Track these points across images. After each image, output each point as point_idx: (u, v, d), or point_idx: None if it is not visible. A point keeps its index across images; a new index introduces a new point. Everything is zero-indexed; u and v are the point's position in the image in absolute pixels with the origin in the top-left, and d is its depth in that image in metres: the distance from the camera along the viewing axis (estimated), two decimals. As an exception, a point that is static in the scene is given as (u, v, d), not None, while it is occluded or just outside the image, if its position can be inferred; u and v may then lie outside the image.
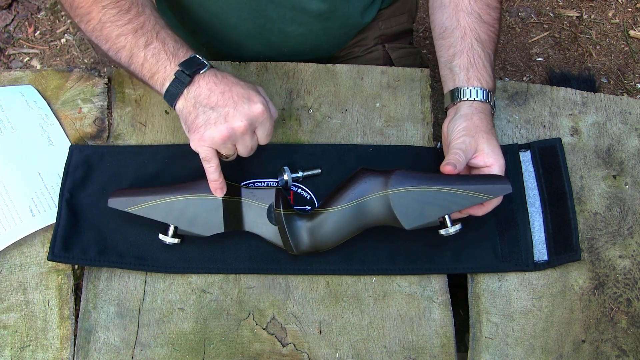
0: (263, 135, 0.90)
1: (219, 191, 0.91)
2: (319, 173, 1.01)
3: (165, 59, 0.90)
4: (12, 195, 0.97)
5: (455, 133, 0.93)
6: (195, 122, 0.88)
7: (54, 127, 1.04)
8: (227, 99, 0.87)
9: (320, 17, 1.14)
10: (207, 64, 0.89)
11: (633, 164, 1.05)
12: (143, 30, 0.91)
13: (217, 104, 0.87)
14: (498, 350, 0.92)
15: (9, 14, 2.09)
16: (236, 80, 0.90)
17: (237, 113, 0.86)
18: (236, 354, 0.91)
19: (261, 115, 0.88)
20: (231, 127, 0.86)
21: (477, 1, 0.99)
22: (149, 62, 0.90)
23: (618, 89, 2.01)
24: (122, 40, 0.91)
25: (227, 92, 0.87)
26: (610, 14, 2.14)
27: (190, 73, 0.88)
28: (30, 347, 0.91)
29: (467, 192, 0.89)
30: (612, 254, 0.98)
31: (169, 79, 0.89)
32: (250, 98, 0.87)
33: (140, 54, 0.90)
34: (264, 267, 0.95)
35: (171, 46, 0.90)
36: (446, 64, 1.00)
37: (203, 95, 0.87)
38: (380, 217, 0.91)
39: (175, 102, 0.89)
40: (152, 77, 0.90)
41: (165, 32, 0.92)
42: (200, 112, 0.87)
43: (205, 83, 0.88)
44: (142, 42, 0.90)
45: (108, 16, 0.91)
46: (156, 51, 0.90)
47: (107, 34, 0.92)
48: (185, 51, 0.91)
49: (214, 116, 0.87)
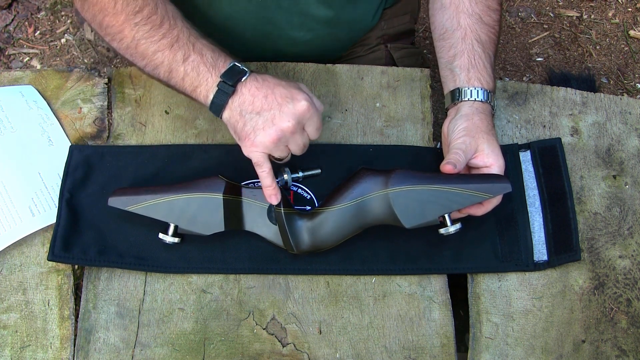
0: (313, 130, 0.90)
1: (273, 198, 0.91)
2: (319, 173, 1.01)
3: (206, 71, 0.89)
4: (12, 195, 0.97)
5: (456, 133, 0.93)
6: (244, 129, 0.87)
7: (54, 127, 1.04)
8: (271, 102, 0.87)
9: (327, 23, 1.14)
10: (247, 71, 0.89)
11: (633, 164, 1.05)
12: (179, 44, 0.90)
13: (263, 108, 0.87)
14: (498, 350, 0.92)
15: (9, 14, 2.09)
16: (277, 81, 0.89)
17: (283, 114, 0.86)
18: (236, 354, 0.91)
19: (307, 111, 0.87)
20: (280, 129, 0.86)
21: (478, 3, 0.99)
22: (189, 76, 0.89)
23: (618, 89, 2.01)
24: (160, 56, 0.90)
25: (270, 94, 0.87)
26: (610, 14, 2.15)
27: (232, 83, 0.87)
28: (30, 347, 0.91)
29: (467, 191, 0.89)
30: (612, 254, 0.98)
31: (212, 92, 0.88)
32: (294, 97, 0.87)
33: (180, 69, 0.89)
34: (264, 267, 0.95)
35: (209, 57, 0.90)
36: (447, 65, 1.00)
37: (247, 102, 0.87)
38: (380, 216, 0.91)
39: (221, 113, 0.89)
40: (194, 90, 0.90)
41: (201, 43, 0.91)
42: (248, 119, 0.87)
43: (247, 90, 0.87)
44: (179, 57, 0.89)
45: (141, 33, 0.90)
46: (195, 64, 0.89)
47: (143, 51, 0.91)
48: (224, 60, 0.90)
49: (262, 121, 0.86)
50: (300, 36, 1.15)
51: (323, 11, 1.11)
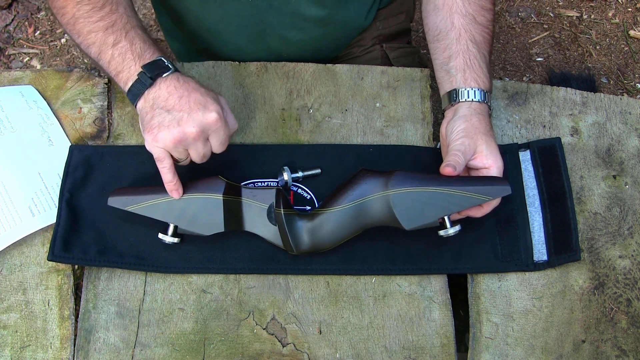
0: (217, 144, 0.91)
1: (174, 192, 0.91)
2: (319, 173, 1.01)
3: (131, 59, 0.92)
4: (12, 195, 0.97)
5: (455, 134, 0.93)
6: (150, 122, 0.89)
7: (54, 127, 1.04)
8: (183, 104, 0.88)
9: (320, 22, 1.14)
10: (171, 68, 0.91)
11: (633, 164, 1.05)
12: (113, 28, 0.93)
13: (174, 108, 0.88)
14: (498, 350, 0.92)
15: (9, 14, 2.09)
16: (197, 87, 0.91)
17: (190, 119, 0.87)
18: (236, 354, 0.91)
19: (214, 123, 0.88)
20: (183, 132, 0.87)
21: (471, 3, 0.99)
22: (115, 61, 0.93)
23: (618, 89, 2.01)
24: (93, 36, 0.94)
25: (185, 97, 0.89)
26: (610, 14, 2.15)
27: (152, 76, 0.90)
28: (30, 347, 0.91)
29: (467, 193, 0.89)
30: (612, 254, 0.98)
31: (131, 79, 0.91)
32: (207, 106, 0.88)
33: (108, 52, 0.93)
34: (264, 267, 0.95)
35: (138, 47, 0.93)
36: (442, 66, 1.00)
37: (162, 98, 0.89)
38: (380, 218, 0.91)
39: (136, 101, 0.91)
40: (117, 75, 0.93)
41: (135, 32, 0.94)
42: (157, 114, 0.89)
43: (165, 86, 0.90)
44: (110, 40, 0.93)
45: (82, 12, 0.94)
46: (123, 50, 0.92)
47: (80, 29, 0.95)
48: (152, 53, 0.93)
49: (169, 119, 0.88)
50: (292, 36, 1.15)
51: (315, 11, 1.11)
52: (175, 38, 1.33)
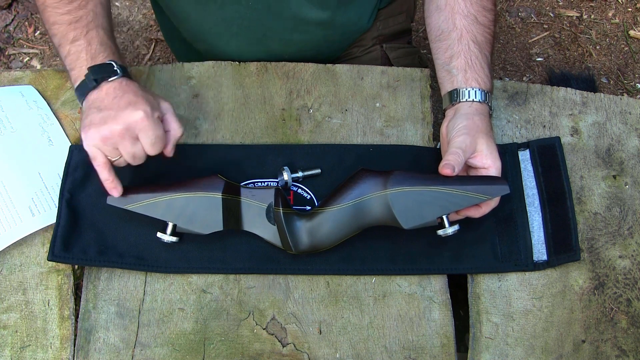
0: (147, 144, 0.90)
1: (113, 190, 0.91)
2: (319, 173, 1.01)
3: (84, 59, 0.93)
4: (12, 195, 0.97)
5: (456, 131, 0.93)
6: (84, 121, 0.90)
7: (54, 127, 1.04)
8: (115, 104, 0.89)
9: (321, 25, 1.14)
10: (119, 73, 0.91)
11: (633, 164, 1.05)
12: (77, 24, 0.94)
13: (105, 107, 0.89)
14: (498, 350, 0.92)
15: (9, 14, 2.09)
16: (135, 89, 0.91)
17: (117, 117, 0.88)
18: (236, 354, 0.91)
19: (140, 122, 0.88)
20: (109, 129, 0.88)
21: (473, 4, 0.99)
22: (70, 57, 0.94)
23: (618, 89, 2.01)
24: (56, 28, 0.95)
25: (119, 98, 0.90)
26: (610, 14, 2.15)
27: (96, 78, 0.91)
28: (30, 347, 0.91)
29: (466, 192, 0.89)
30: (612, 254, 0.98)
31: (79, 79, 0.92)
32: (136, 105, 0.89)
33: (67, 47, 0.94)
34: (264, 267, 0.95)
35: (94, 48, 0.93)
36: (443, 66, 1.00)
37: (99, 99, 0.90)
38: (379, 217, 0.91)
39: (81, 101, 0.93)
40: (70, 71, 0.95)
41: (97, 31, 0.95)
42: (90, 113, 0.90)
43: (106, 89, 0.90)
44: (71, 36, 0.94)
45: (51, 1, 0.95)
46: (79, 49, 0.93)
47: (47, 17, 0.96)
48: (105, 56, 0.93)
49: (98, 117, 0.89)
50: (293, 38, 1.15)
51: (316, 14, 1.11)
52: (174, 38, 1.33)
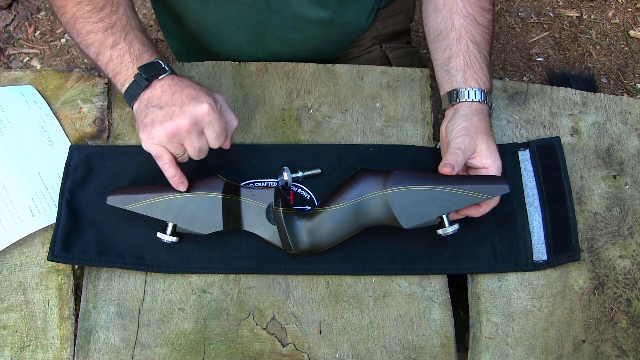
0: (212, 137, 0.90)
1: (180, 185, 0.91)
2: (319, 173, 1.01)
3: (129, 61, 0.92)
4: (12, 195, 0.97)
5: (455, 132, 0.93)
6: (144, 120, 0.89)
7: (54, 127, 1.04)
8: (175, 99, 0.88)
9: (321, 24, 1.14)
10: (167, 70, 0.91)
11: (633, 164, 1.05)
12: (113, 29, 0.93)
13: (166, 104, 0.88)
14: (498, 350, 0.92)
15: (9, 14, 2.09)
16: (191, 84, 0.91)
17: (182, 112, 0.87)
18: (236, 354, 0.91)
19: (206, 115, 0.88)
20: (176, 125, 0.87)
21: (472, 4, 0.99)
22: (113, 62, 0.93)
23: (618, 89, 2.01)
24: (92, 37, 0.94)
25: (178, 92, 0.89)
26: (610, 14, 2.14)
27: (148, 77, 0.90)
28: (30, 347, 0.91)
29: (465, 192, 0.89)
30: (612, 254, 0.98)
31: (128, 81, 0.92)
32: (198, 98, 0.88)
33: (107, 53, 0.93)
34: (264, 267, 0.95)
35: (137, 49, 0.93)
36: (442, 66, 1.00)
37: (156, 97, 0.90)
38: (379, 217, 0.91)
39: (132, 103, 0.92)
40: (115, 76, 0.93)
41: (135, 34, 0.94)
42: (150, 112, 0.89)
43: (160, 86, 0.90)
44: (109, 42, 0.93)
45: (82, 12, 0.94)
46: (121, 52, 0.93)
47: (79, 28, 0.95)
48: (150, 55, 0.93)
49: (161, 115, 0.88)
50: (292, 37, 1.15)
51: (316, 13, 1.11)
52: (174, 38, 1.33)
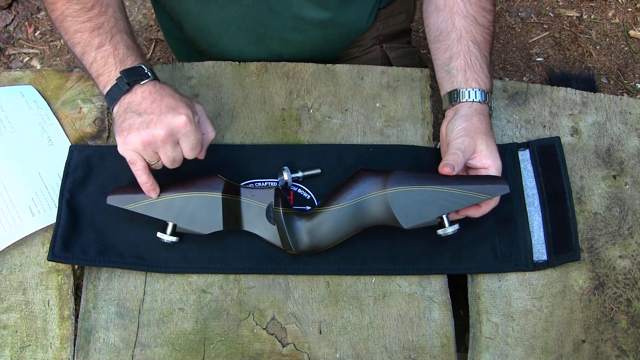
0: (187, 149, 0.91)
1: (152, 192, 0.92)
2: (319, 173, 1.01)
3: (112, 63, 0.93)
4: (12, 195, 0.97)
5: (455, 133, 0.93)
6: (121, 125, 0.90)
7: (54, 127, 1.04)
8: (154, 108, 0.89)
9: (322, 25, 1.14)
10: (150, 76, 0.92)
11: (633, 164, 1.05)
12: (100, 30, 0.94)
13: (145, 111, 0.89)
14: (498, 350, 0.92)
15: (9, 14, 2.09)
16: (172, 93, 0.91)
17: (159, 121, 0.88)
18: (236, 354, 0.91)
19: (183, 127, 0.88)
20: (151, 134, 0.87)
21: (472, 4, 0.99)
22: (97, 63, 0.94)
23: (618, 89, 2.01)
24: (79, 36, 0.95)
25: (157, 101, 0.89)
26: (610, 14, 2.14)
27: (129, 81, 0.91)
28: (30, 347, 0.91)
29: (465, 192, 0.89)
30: (612, 254, 0.98)
31: (110, 84, 0.92)
32: (177, 109, 0.89)
33: (92, 54, 0.94)
34: (264, 267, 0.95)
35: (121, 52, 0.93)
36: (443, 67, 1.00)
37: (135, 102, 0.90)
38: (379, 217, 0.91)
39: (112, 106, 0.92)
40: (97, 77, 0.94)
41: (121, 36, 0.95)
42: (128, 117, 0.89)
43: (141, 92, 0.90)
44: (95, 43, 0.94)
45: (70, 10, 0.95)
46: (106, 54, 0.93)
47: (67, 27, 0.96)
48: (134, 59, 0.93)
49: (139, 122, 0.88)
50: (293, 38, 1.15)
51: (317, 13, 1.11)
52: (175, 38, 1.33)
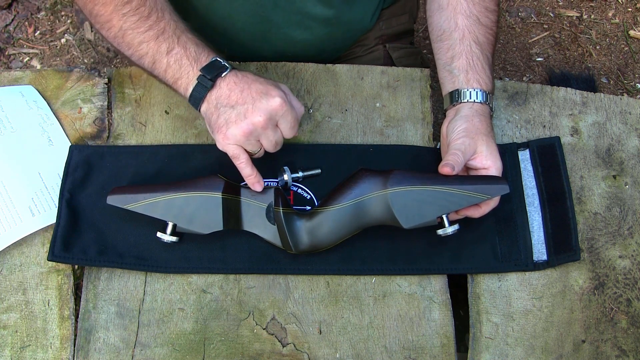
0: (287, 129, 0.91)
1: (257, 185, 0.92)
2: (319, 173, 1.01)
3: (188, 64, 0.91)
4: (12, 195, 0.97)
5: (455, 134, 0.93)
6: (217, 122, 0.89)
7: (54, 127, 1.04)
8: (245, 97, 0.88)
9: (326, 22, 1.14)
10: (228, 67, 0.91)
11: (633, 164, 1.05)
12: (164, 36, 0.92)
13: (237, 102, 0.88)
14: (498, 350, 0.92)
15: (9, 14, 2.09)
16: (255, 78, 0.91)
17: (255, 109, 0.87)
18: (236, 354, 0.91)
19: (280, 108, 0.88)
20: (251, 123, 0.87)
21: (476, 4, 0.99)
22: (172, 68, 0.92)
23: (618, 89, 2.01)
24: (145, 47, 0.92)
25: (246, 89, 0.89)
26: (610, 14, 2.15)
27: (211, 77, 0.89)
28: (30, 347, 0.91)
29: (465, 192, 0.89)
30: (612, 254, 0.98)
31: (192, 84, 0.90)
32: (269, 93, 0.88)
33: (163, 60, 0.92)
34: (264, 267, 0.95)
35: (193, 51, 0.92)
36: (445, 66, 1.00)
37: (224, 96, 0.89)
38: (379, 217, 0.91)
39: (199, 105, 0.91)
40: (176, 82, 0.92)
41: (186, 36, 0.93)
42: (222, 112, 0.89)
43: (226, 84, 0.89)
44: (164, 49, 0.92)
45: (129, 24, 0.92)
46: (178, 57, 0.91)
47: (129, 41, 0.93)
48: (207, 55, 0.92)
49: (234, 114, 0.88)
50: (297, 35, 1.15)
51: (321, 10, 1.11)
52: None
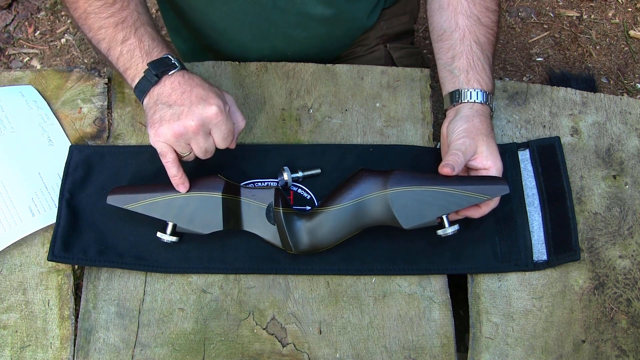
0: (219, 139, 0.91)
1: (181, 186, 0.92)
2: (319, 173, 1.01)
3: (139, 56, 0.93)
4: (12, 195, 0.97)
5: (456, 134, 0.93)
6: (152, 117, 0.90)
7: (54, 127, 1.04)
8: (184, 99, 0.89)
9: (325, 21, 1.14)
10: (177, 66, 0.91)
11: (633, 164, 1.05)
12: (123, 25, 0.94)
13: (175, 103, 0.89)
14: (498, 350, 0.92)
15: (9, 14, 2.09)
16: (201, 82, 0.91)
17: (190, 112, 0.88)
18: (236, 354, 0.91)
19: (215, 117, 0.88)
20: (183, 125, 0.88)
21: (476, 4, 0.99)
22: (123, 57, 0.93)
23: (618, 89, 2.01)
24: (103, 32, 0.95)
25: (187, 92, 0.89)
26: (610, 14, 2.15)
27: (157, 73, 0.90)
28: (30, 347, 0.91)
29: (465, 192, 0.89)
30: (612, 254, 0.98)
31: (138, 76, 0.92)
32: (207, 100, 0.89)
33: (117, 48, 0.94)
34: (264, 267, 0.95)
35: (147, 44, 0.93)
36: (445, 66, 1.00)
37: (165, 94, 0.90)
38: (379, 217, 0.91)
39: (142, 98, 0.92)
40: (125, 71, 0.94)
41: (145, 29, 0.95)
42: (159, 109, 0.89)
43: (170, 83, 0.90)
44: (120, 37, 0.94)
45: (93, 7, 0.95)
46: (132, 47, 0.93)
47: (90, 24, 0.96)
48: (160, 50, 0.93)
49: (170, 113, 0.88)
50: (297, 34, 1.15)
51: (321, 10, 1.11)
52: (179, 36, 1.33)
